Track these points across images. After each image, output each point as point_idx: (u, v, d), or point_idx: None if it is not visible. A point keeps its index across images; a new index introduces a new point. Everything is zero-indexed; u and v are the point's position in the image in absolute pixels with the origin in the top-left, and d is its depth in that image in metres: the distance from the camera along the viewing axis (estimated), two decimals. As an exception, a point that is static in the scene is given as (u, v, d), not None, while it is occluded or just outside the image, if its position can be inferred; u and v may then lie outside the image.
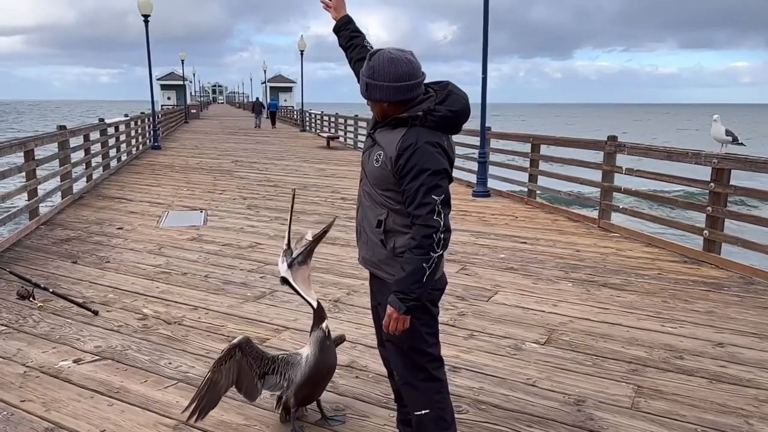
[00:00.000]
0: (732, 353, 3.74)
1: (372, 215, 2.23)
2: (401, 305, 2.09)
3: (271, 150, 18.83)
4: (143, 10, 17.65)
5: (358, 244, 2.38)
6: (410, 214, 2.08)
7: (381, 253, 2.23)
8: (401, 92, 2.10)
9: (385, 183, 2.15)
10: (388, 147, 2.12)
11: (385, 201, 2.18)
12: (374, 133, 2.22)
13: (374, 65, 2.11)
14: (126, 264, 5.68)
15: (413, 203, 2.05)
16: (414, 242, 2.06)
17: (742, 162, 5.73)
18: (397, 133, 2.12)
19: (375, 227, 2.22)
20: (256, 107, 35.61)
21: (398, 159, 2.08)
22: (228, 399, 3.09)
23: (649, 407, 3.06)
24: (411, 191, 2.05)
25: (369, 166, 2.22)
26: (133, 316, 4.31)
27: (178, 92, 48.87)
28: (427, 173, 2.04)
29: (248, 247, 6.33)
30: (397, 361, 2.31)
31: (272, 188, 10.62)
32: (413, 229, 2.07)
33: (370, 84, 2.13)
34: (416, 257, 2.05)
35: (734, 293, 4.95)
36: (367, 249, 2.30)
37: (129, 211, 8.35)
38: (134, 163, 14.53)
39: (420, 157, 2.05)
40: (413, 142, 2.06)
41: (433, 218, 2.03)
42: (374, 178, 2.20)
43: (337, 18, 2.61)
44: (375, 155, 2.18)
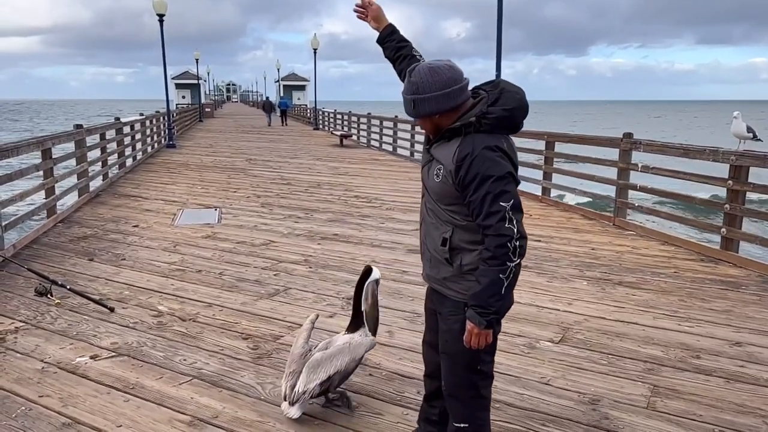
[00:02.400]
0: (750, 353, 3.69)
1: (436, 233, 2.16)
2: (481, 320, 2.01)
3: (284, 148, 18.89)
4: (158, 10, 17.78)
5: (422, 260, 2.32)
6: (480, 226, 1.98)
7: (446, 270, 2.16)
8: (450, 99, 2.02)
9: (449, 197, 2.08)
10: (445, 160, 2.04)
11: (450, 217, 2.10)
12: (431, 149, 2.16)
13: (416, 80, 2.03)
14: (141, 261, 5.73)
15: (481, 214, 1.96)
16: (488, 253, 1.96)
17: (761, 159, 5.64)
18: (452, 144, 2.04)
19: (440, 245, 2.14)
20: (267, 106, 36.30)
21: (458, 171, 1.99)
22: (242, 396, 3.12)
23: (665, 407, 3.03)
24: (476, 202, 1.96)
25: (430, 182, 2.15)
26: (148, 313, 4.35)
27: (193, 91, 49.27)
28: (490, 180, 1.93)
29: (262, 245, 6.36)
30: (449, 374, 2.26)
31: (286, 186, 10.66)
32: (486, 240, 1.97)
33: (417, 100, 2.04)
34: (492, 269, 1.95)
35: (753, 292, 4.88)
36: (431, 266, 2.23)
37: (144, 209, 8.43)
38: (150, 162, 14.66)
39: (480, 165, 1.95)
40: (470, 150, 1.97)
41: (504, 226, 1.93)
42: (436, 194, 2.13)
43: (379, 29, 2.51)
44: (435, 170, 2.10)
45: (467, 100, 2.06)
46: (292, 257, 5.87)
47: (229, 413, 2.96)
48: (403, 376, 3.36)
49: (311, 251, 6.11)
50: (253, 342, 3.83)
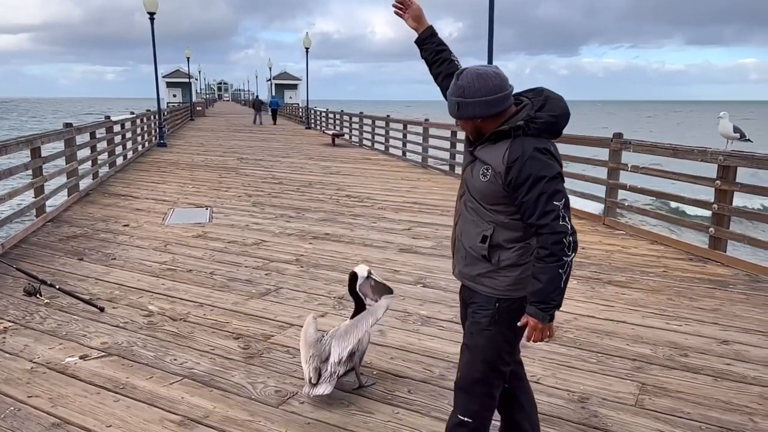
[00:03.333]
0: (737, 351, 3.73)
1: (475, 231, 2.20)
2: (544, 315, 2.07)
3: (276, 147, 18.85)
4: (149, 8, 17.68)
5: (455, 258, 2.35)
6: (533, 225, 2.04)
7: (482, 267, 2.20)
8: (493, 106, 2.08)
9: (495, 197, 2.12)
10: (494, 162, 2.08)
11: (494, 216, 2.14)
12: (475, 150, 2.19)
13: (463, 84, 2.09)
14: (132, 261, 5.71)
15: (534, 214, 2.02)
16: (545, 251, 2.02)
17: (748, 159, 5.70)
18: (500, 146, 2.09)
19: (479, 242, 2.18)
20: (256, 104, 36.55)
21: (508, 172, 2.04)
22: (233, 395, 3.12)
23: (653, 404, 3.06)
24: (530, 202, 2.02)
25: (475, 182, 2.17)
26: (138, 313, 4.33)
27: (184, 90, 49.00)
28: (543, 181, 2.01)
29: (253, 245, 6.35)
30: (468, 367, 2.27)
31: (277, 185, 10.64)
32: (539, 239, 2.04)
33: (462, 103, 2.10)
34: (550, 265, 2.02)
35: (740, 291, 4.93)
36: (466, 263, 2.27)
37: (135, 209, 8.39)
38: (140, 161, 14.58)
39: (532, 167, 2.01)
40: (521, 153, 2.03)
41: (559, 224, 2.00)
42: (481, 193, 2.16)
43: (419, 29, 2.51)
44: (481, 170, 2.14)
45: (510, 107, 2.12)
46: (283, 257, 5.87)
47: (220, 413, 2.96)
48: (395, 375, 3.37)
49: (303, 251, 6.11)
50: (244, 342, 3.82)
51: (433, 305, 4.52)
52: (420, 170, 13.47)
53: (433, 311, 4.39)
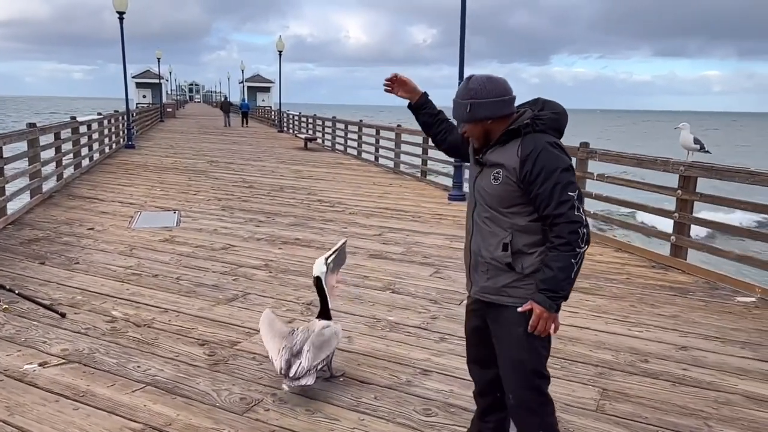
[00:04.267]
0: (695, 357, 3.84)
1: (494, 240, 2.19)
2: (552, 304, 2.09)
3: (247, 151, 18.69)
4: (118, 8, 17.37)
5: (473, 276, 2.31)
6: (548, 216, 2.07)
7: (507, 277, 2.19)
8: (505, 107, 2.15)
9: (510, 199, 2.14)
10: (507, 160, 2.12)
11: (511, 221, 2.15)
12: (482, 157, 2.21)
13: (474, 87, 2.14)
14: (96, 265, 5.59)
15: (550, 204, 2.05)
16: (560, 240, 2.05)
17: (707, 170, 5.88)
18: (511, 146, 2.13)
19: (500, 251, 2.17)
20: (224, 106, 37.01)
21: (523, 166, 2.08)
22: (197, 403, 3.09)
23: (614, 410, 3.13)
24: (545, 193, 2.05)
25: (487, 188, 2.19)
26: (101, 319, 4.24)
27: (154, 90, 48.28)
28: (558, 171, 2.06)
29: (221, 249, 6.28)
30: (517, 383, 2.27)
31: (248, 189, 10.55)
32: (555, 229, 2.06)
33: (474, 104, 2.14)
34: (563, 254, 2.05)
35: (699, 298, 5.08)
36: (489, 277, 2.24)
37: (100, 212, 8.22)
38: (107, 162, 14.29)
39: (546, 158, 2.06)
40: (533, 146, 2.08)
41: (575, 214, 2.04)
42: (495, 198, 2.17)
43: (412, 98, 2.56)
44: (492, 175, 2.16)
45: (514, 112, 2.19)
46: (252, 262, 5.82)
47: (183, 420, 2.92)
48: (361, 382, 3.38)
49: (272, 256, 6.07)
50: (209, 348, 3.78)
51: (402, 311, 4.54)
52: (392, 176, 13.52)
53: (402, 317, 4.41)
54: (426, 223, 8.06)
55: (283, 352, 3.12)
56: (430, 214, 8.71)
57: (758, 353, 3.92)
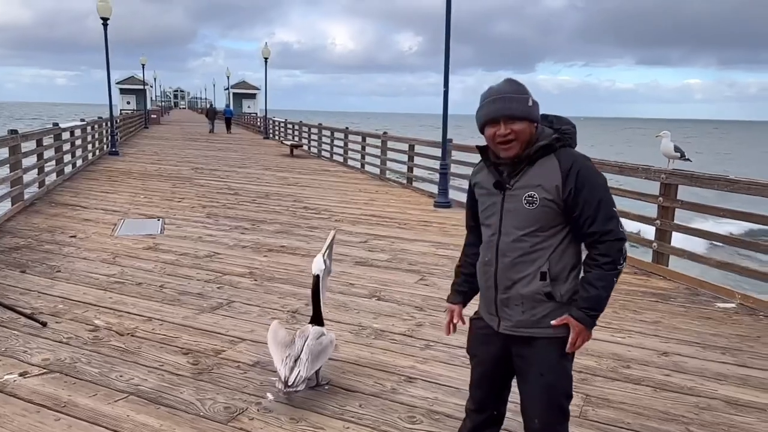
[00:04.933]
0: (676, 362, 3.89)
1: (531, 269, 2.04)
2: (592, 322, 2.04)
3: (232, 157, 18.61)
4: (102, 13, 17.26)
5: (502, 311, 2.12)
6: (594, 233, 1.98)
7: (546, 308, 2.06)
8: (537, 111, 2.05)
9: (549, 221, 2.01)
10: (545, 180, 1.99)
11: (547, 245, 2.02)
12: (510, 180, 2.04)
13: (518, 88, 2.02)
14: (78, 273, 5.53)
15: (596, 221, 1.97)
16: (606, 258, 1.98)
17: (688, 177, 5.98)
18: (544, 162, 2.01)
19: (539, 281, 2.03)
20: (210, 113, 37.52)
21: (566, 183, 1.96)
22: (181, 412, 3.06)
23: (596, 415, 3.16)
24: (591, 210, 1.97)
25: (520, 213, 2.03)
26: (83, 328, 4.20)
27: (138, 97, 47.90)
28: (601, 187, 1.99)
29: (206, 257, 6.25)
30: (548, 408, 2.16)
31: (233, 196, 10.50)
32: (601, 246, 1.98)
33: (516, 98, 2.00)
34: (607, 273, 1.99)
35: (680, 304, 5.15)
36: (524, 311, 2.08)
37: (83, 219, 8.13)
38: (90, 169, 14.15)
39: (587, 174, 1.98)
40: (572, 161, 1.99)
41: (620, 230, 1.99)
42: (533, 222, 2.01)
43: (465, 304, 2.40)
44: (524, 198, 2.01)
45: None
46: (236, 269, 5.80)
47: (167, 431, 2.89)
48: (346, 389, 3.37)
49: (257, 263, 6.05)
50: (193, 357, 3.75)
51: (387, 319, 4.55)
52: (378, 182, 13.54)
53: (387, 324, 4.42)
54: (412, 230, 8.08)
55: (287, 361, 3.15)
56: (415, 221, 8.74)
57: (738, 358, 3.98)
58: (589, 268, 2.03)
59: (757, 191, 5.38)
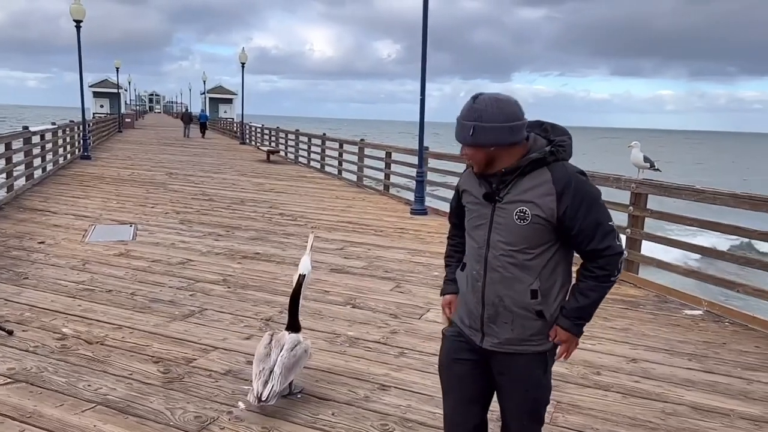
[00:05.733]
0: (645, 368, 3.97)
1: (521, 287, 1.99)
2: (581, 330, 2.05)
3: (208, 162, 18.44)
4: (75, 15, 17.01)
5: (488, 328, 2.06)
6: (593, 251, 1.96)
7: (535, 326, 2.02)
8: (512, 133, 1.92)
9: (540, 238, 1.96)
10: (538, 196, 1.93)
11: (538, 262, 1.98)
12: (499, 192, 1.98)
13: (480, 108, 1.92)
14: (46, 280, 5.41)
15: (595, 238, 1.94)
16: (602, 271, 1.97)
17: (657, 187, 6.12)
18: (536, 176, 1.95)
19: (530, 299, 1.99)
20: (185, 117, 37.45)
21: (561, 200, 1.91)
22: (150, 422, 3.02)
23: (566, 422, 3.20)
24: (590, 227, 1.93)
25: (511, 228, 1.97)
26: (51, 336, 4.11)
27: (112, 100, 47.18)
28: (597, 202, 1.96)
29: (178, 264, 6.17)
30: (528, 420, 2.17)
31: (207, 202, 10.40)
32: (600, 261, 1.96)
33: (478, 127, 1.91)
34: (602, 285, 1.99)
35: (649, 311, 5.25)
36: (514, 328, 2.03)
37: (52, 225, 7.97)
38: (61, 174, 13.87)
39: (583, 192, 1.94)
40: (568, 177, 1.94)
41: (617, 243, 1.96)
42: (523, 239, 1.96)
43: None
44: (516, 213, 1.95)
45: (523, 139, 1.98)
46: (209, 277, 5.73)
47: (135, 441, 2.85)
48: (319, 398, 3.36)
49: (231, 270, 5.99)
50: (164, 365, 3.70)
51: (362, 326, 4.54)
52: (355, 189, 13.54)
53: (361, 332, 4.41)
54: (388, 237, 8.10)
55: (261, 375, 3.13)
56: (392, 228, 8.76)
57: (704, 365, 4.07)
58: (583, 278, 2.01)
59: (722, 201, 5.53)
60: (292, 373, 3.23)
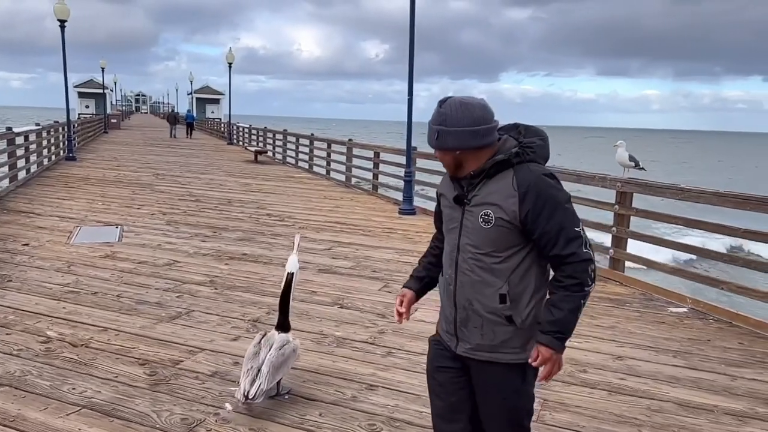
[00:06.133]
0: (630, 366, 4.00)
1: (489, 291, 1.95)
2: (561, 345, 1.93)
3: (195, 163, 18.33)
4: (59, 15, 16.82)
5: (460, 331, 2.04)
6: (557, 257, 1.90)
7: (505, 332, 1.96)
8: (477, 137, 1.90)
9: (506, 242, 1.92)
10: (501, 199, 1.90)
11: (506, 266, 1.93)
12: (467, 195, 1.96)
13: (446, 111, 1.92)
14: (30, 283, 5.35)
15: (557, 243, 1.88)
16: (571, 281, 1.89)
17: (642, 186, 6.17)
18: (501, 178, 1.91)
19: (498, 304, 1.94)
20: (171, 118, 37.99)
21: (523, 202, 1.86)
22: (136, 425, 3.00)
23: (553, 419, 3.22)
24: (553, 231, 1.87)
25: (477, 231, 1.94)
26: (35, 339, 4.06)
27: (98, 101, 46.79)
28: (562, 206, 1.89)
29: (165, 265, 6.12)
30: (507, 427, 2.10)
31: (194, 203, 10.33)
32: (566, 268, 1.89)
33: (441, 131, 1.92)
34: (575, 295, 1.89)
35: (635, 309, 5.30)
36: (483, 334, 1.99)
37: (37, 226, 7.88)
38: (45, 175, 13.72)
39: (546, 194, 1.87)
40: (532, 179, 1.88)
41: (584, 251, 1.88)
42: (487, 242, 1.93)
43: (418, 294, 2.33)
44: (481, 216, 1.92)
45: (494, 142, 1.95)
46: (196, 278, 5.70)
47: (121, 444, 2.83)
48: (307, 399, 3.35)
49: (218, 272, 5.96)
50: (150, 368, 3.67)
51: (349, 326, 4.54)
52: (343, 189, 13.52)
53: (349, 332, 4.41)
54: (376, 237, 8.10)
55: (249, 373, 3.13)
56: (380, 228, 8.76)
57: (689, 361, 4.11)
58: (554, 290, 1.95)
59: (705, 199, 5.59)
60: (280, 372, 3.23)
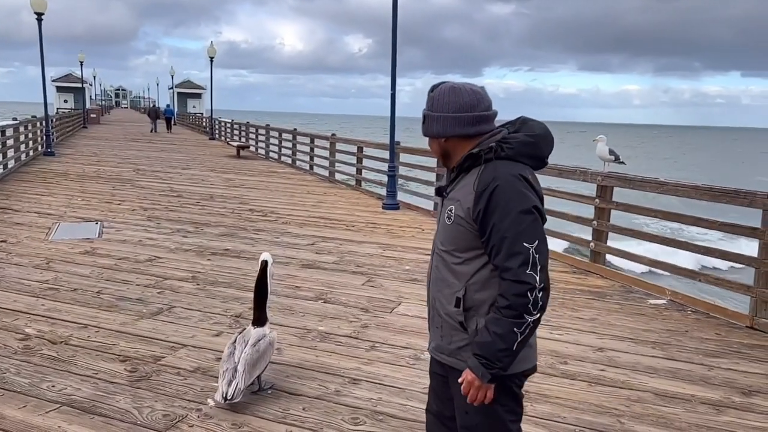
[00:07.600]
0: (611, 357, 4.06)
1: (448, 292, 1.83)
2: (485, 372, 1.72)
3: (176, 158, 18.14)
4: (36, 8, 16.51)
5: (431, 329, 1.96)
6: (497, 267, 1.71)
7: (460, 338, 1.83)
8: (461, 124, 1.78)
9: (465, 241, 1.78)
10: (463, 195, 1.78)
11: (465, 269, 1.80)
12: (447, 190, 1.88)
13: (434, 95, 1.83)
14: (8, 280, 5.27)
15: (499, 254, 1.69)
16: (504, 301, 1.68)
17: (622, 180, 6.25)
18: (472, 174, 1.78)
19: (453, 307, 1.82)
20: (151, 113, 37.73)
21: (478, 200, 1.72)
22: (116, 422, 2.98)
23: (534, 411, 3.25)
24: (496, 239, 1.69)
25: (443, 228, 1.86)
26: (13, 337, 4.00)
27: (77, 95, 46.02)
28: (513, 214, 1.68)
29: (146, 261, 6.07)
30: None
31: (176, 199, 10.24)
32: (502, 285, 1.69)
33: (428, 116, 1.83)
34: (506, 320, 1.68)
35: (615, 301, 5.37)
36: (443, 335, 1.88)
37: (14, 223, 7.75)
38: (23, 171, 13.48)
39: (502, 195, 1.69)
40: (492, 178, 1.71)
41: (526, 272, 1.66)
42: (450, 240, 1.82)
43: None
44: (446, 211, 1.83)
45: (485, 133, 1.82)
46: (178, 274, 5.65)
47: (101, 442, 2.80)
48: (290, 393, 3.35)
49: (200, 267, 5.92)
50: (131, 364, 3.64)
51: (333, 321, 4.54)
52: (327, 184, 13.49)
53: (332, 327, 4.41)
54: (359, 231, 8.09)
55: (226, 374, 3.12)
56: (363, 222, 8.76)
57: (667, 352, 4.19)
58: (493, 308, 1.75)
59: (683, 193, 5.67)
60: (257, 369, 3.22)
